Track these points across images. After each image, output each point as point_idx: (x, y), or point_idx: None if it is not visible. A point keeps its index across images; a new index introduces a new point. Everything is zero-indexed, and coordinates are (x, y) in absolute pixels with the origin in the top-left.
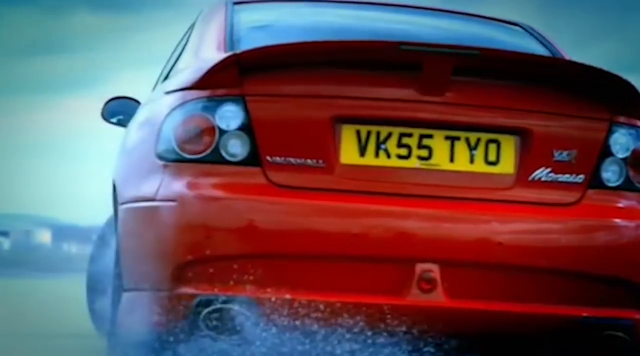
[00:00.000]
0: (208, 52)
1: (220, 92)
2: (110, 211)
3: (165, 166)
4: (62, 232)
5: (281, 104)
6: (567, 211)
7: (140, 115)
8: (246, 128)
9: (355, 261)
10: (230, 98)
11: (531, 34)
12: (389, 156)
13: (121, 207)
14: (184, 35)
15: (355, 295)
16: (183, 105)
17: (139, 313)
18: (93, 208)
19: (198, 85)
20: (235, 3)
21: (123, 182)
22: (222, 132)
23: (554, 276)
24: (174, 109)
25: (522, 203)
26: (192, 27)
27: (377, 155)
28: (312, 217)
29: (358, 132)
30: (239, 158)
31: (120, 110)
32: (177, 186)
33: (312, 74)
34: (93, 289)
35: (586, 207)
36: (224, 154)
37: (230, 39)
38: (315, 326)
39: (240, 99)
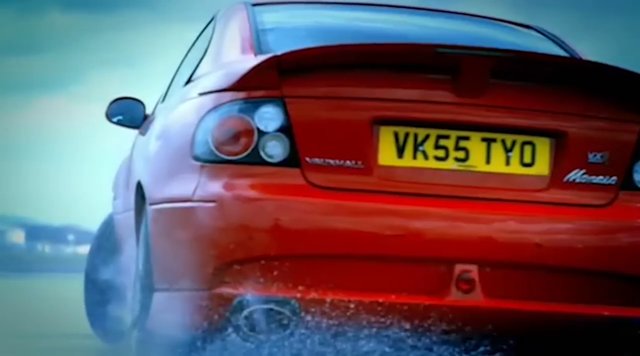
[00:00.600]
0: (236, 54)
1: (259, 93)
2: (106, 212)
3: (202, 167)
4: (35, 232)
5: (320, 106)
6: (600, 212)
7: (169, 117)
8: (285, 129)
9: (394, 262)
10: (270, 99)
11: (547, 37)
12: (426, 157)
13: (151, 208)
14: (198, 36)
15: (394, 295)
16: (220, 106)
17: (173, 312)
18: (66, 208)
19: (236, 86)
20: (254, 4)
21: (153, 183)
22: (262, 133)
23: (589, 277)
24: (211, 110)
25: (557, 205)
26: (210, 28)
27: (414, 156)
28: (351, 218)
29: (396, 134)
30: (278, 160)
31: (121, 111)
32: (216, 187)
33: (351, 76)
34: (94, 291)
35: (619, 208)
36: (263, 155)
37: (257, 40)
38: (355, 327)
39: (280, 101)
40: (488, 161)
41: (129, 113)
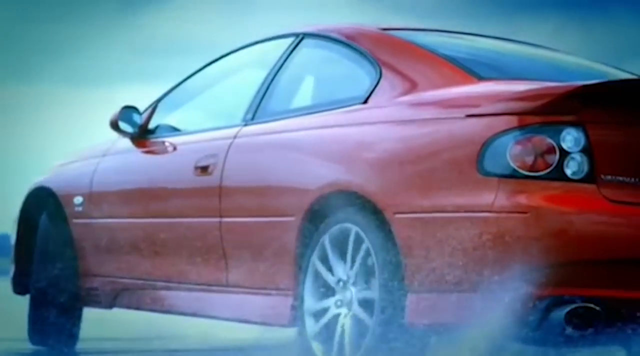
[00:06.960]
0: (442, 79)
1: (564, 118)
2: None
3: (500, 182)
4: None
5: (613, 130)
6: None
7: (414, 135)
8: (586, 150)
9: None
10: (574, 123)
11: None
12: None
13: (399, 217)
14: (284, 55)
15: None
16: (521, 128)
17: (451, 312)
18: None
19: (536, 110)
20: (384, 29)
21: (402, 194)
22: (564, 153)
23: None
24: (506, 131)
25: None
26: (305, 50)
27: None
28: None
29: None
30: (578, 177)
31: (125, 119)
32: (525, 199)
33: (635, 106)
34: (40, 299)
35: None
36: (565, 172)
37: (464, 67)
38: None
39: (581, 125)
40: None
41: (130, 122)
